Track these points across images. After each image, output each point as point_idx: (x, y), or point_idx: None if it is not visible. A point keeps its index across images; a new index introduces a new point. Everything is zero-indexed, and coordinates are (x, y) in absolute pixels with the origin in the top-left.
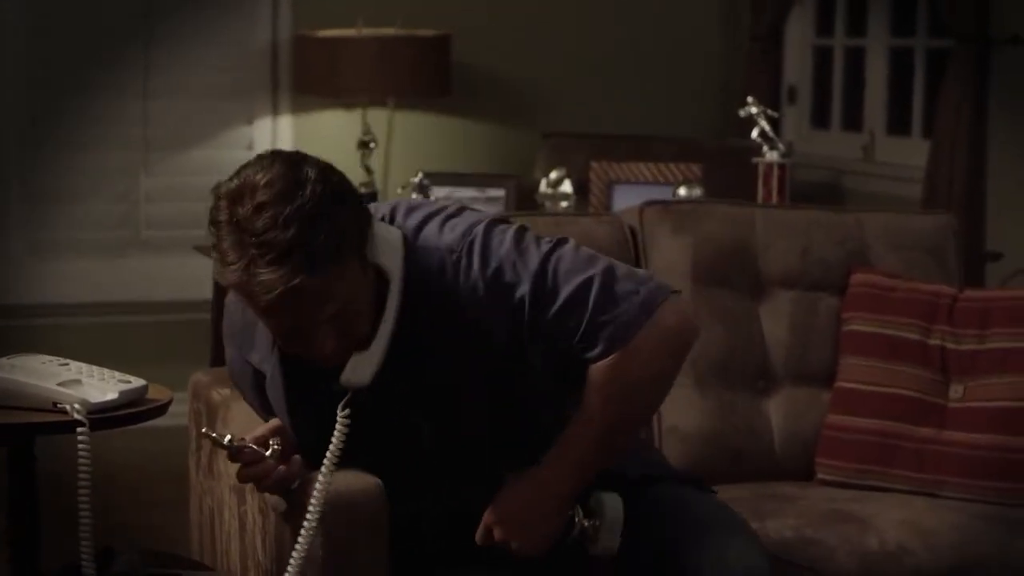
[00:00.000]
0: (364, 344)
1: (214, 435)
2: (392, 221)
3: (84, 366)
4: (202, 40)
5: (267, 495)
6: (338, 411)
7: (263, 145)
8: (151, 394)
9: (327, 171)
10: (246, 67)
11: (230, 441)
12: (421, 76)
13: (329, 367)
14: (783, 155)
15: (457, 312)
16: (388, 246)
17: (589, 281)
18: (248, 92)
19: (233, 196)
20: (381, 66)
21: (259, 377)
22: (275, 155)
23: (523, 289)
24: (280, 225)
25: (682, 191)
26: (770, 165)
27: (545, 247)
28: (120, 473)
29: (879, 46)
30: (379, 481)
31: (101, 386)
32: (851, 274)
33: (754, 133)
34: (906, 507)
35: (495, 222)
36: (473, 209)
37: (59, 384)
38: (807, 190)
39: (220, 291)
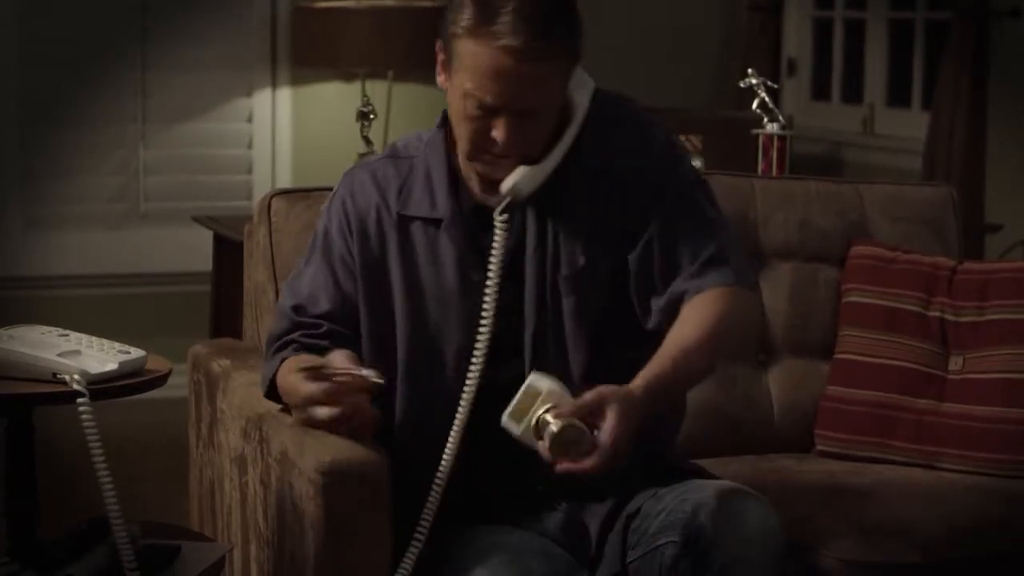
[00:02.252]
0: (534, 162)
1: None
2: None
3: (84, 337)
4: (201, 11)
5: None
6: (495, 215)
7: (263, 117)
8: (151, 365)
9: None
10: (245, 39)
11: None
12: (420, 47)
13: (489, 161)
14: (783, 127)
15: (619, 170)
16: (585, 87)
17: (722, 227)
18: (247, 64)
19: None
20: (380, 37)
21: (405, 227)
22: None
23: (684, 177)
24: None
25: None
26: (770, 137)
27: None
28: (119, 445)
29: (879, 18)
30: (381, 453)
31: (101, 357)
32: (850, 246)
33: (754, 105)
34: (905, 479)
35: None
36: None
37: (59, 355)
38: (807, 162)
39: (219, 263)
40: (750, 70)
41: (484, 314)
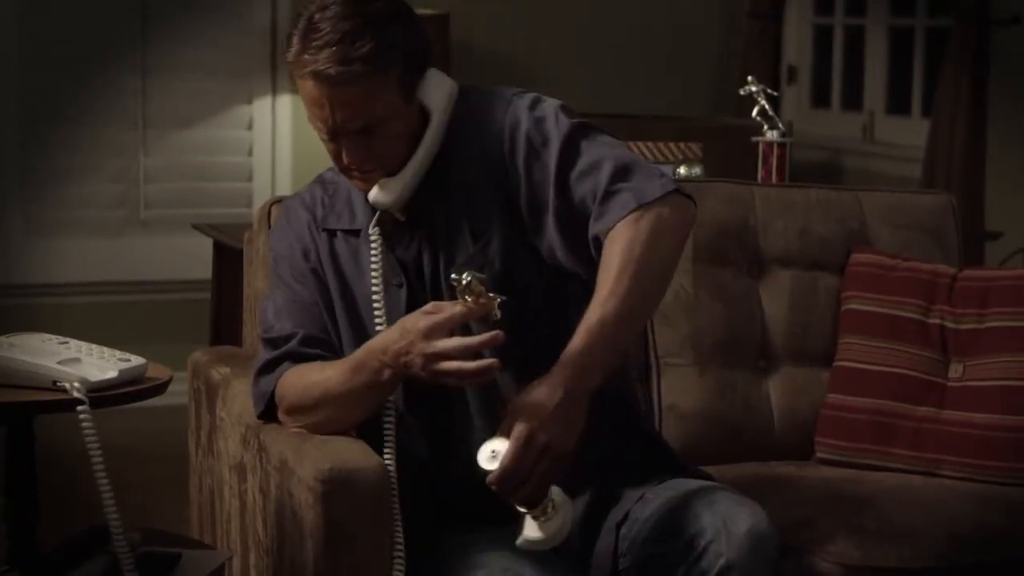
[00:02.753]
0: (395, 173)
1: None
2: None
3: (84, 345)
4: (201, 19)
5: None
6: (369, 229)
7: (263, 125)
8: (151, 373)
9: (403, 5)
10: (245, 46)
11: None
12: None
13: (357, 178)
14: (783, 134)
15: (494, 152)
16: (438, 89)
17: (608, 157)
18: (247, 71)
19: (318, 3)
20: None
21: (331, 240)
22: None
23: (560, 135)
24: (338, 19)
25: (682, 170)
26: (770, 144)
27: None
28: (119, 452)
29: (879, 25)
30: (381, 460)
31: (101, 364)
32: (850, 253)
33: (754, 112)
34: (905, 487)
35: None
36: None
37: (59, 362)
38: (807, 170)
39: (219, 270)
40: (750, 77)
41: (377, 325)
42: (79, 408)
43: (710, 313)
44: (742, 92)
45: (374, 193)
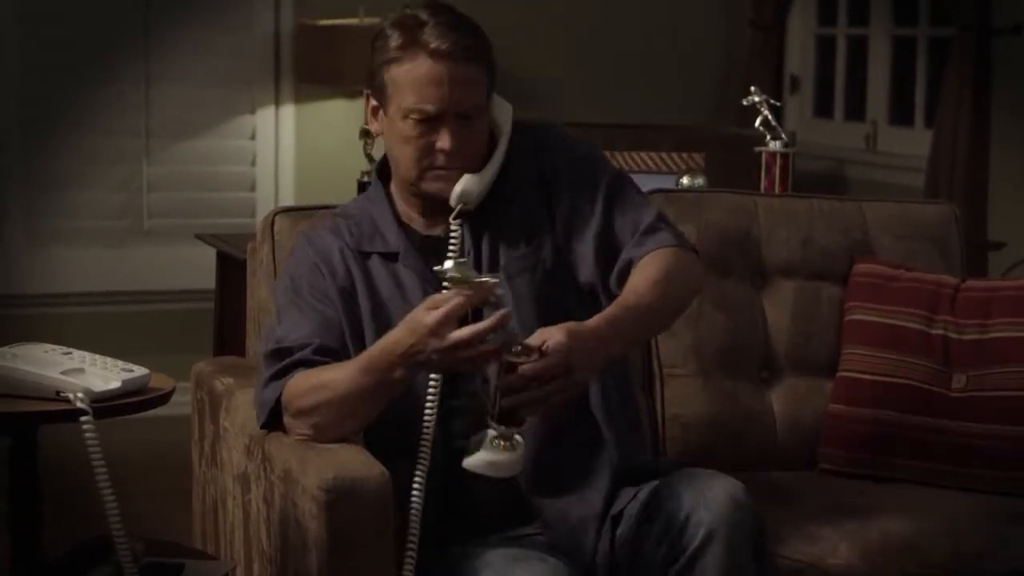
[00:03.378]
0: (476, 171)
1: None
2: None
3: (87, 355)
4: (204, 28)
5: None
6: (450, 219)
7: (266, 134)
8: (154, 383)
9: None
10: (248, 56)
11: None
12: None
13: (439, 175)
14: (786, 144)
15: (547, 168)
16: (502, 109)
17: (651, 207)
18: (250, 81)
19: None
20: None
21: (365, 263)
22: None
23: (609, 173)
24: (438, 12)
25: (685, 180)
26: (772, 154)
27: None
28: (122, 463)
29: (882, 35)
30: (384, 470)
31: (104, 375)
32: (853, 263)
33: (756, 122)
34: (907, 497)
35: None
36: None
37: (62, 373)
38: (810, 179)
39: (223, 280)
40: (753, 88)
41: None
42: (82, 418)
43: (713, 323)
44: (745, 102)
45: (462, 184)
